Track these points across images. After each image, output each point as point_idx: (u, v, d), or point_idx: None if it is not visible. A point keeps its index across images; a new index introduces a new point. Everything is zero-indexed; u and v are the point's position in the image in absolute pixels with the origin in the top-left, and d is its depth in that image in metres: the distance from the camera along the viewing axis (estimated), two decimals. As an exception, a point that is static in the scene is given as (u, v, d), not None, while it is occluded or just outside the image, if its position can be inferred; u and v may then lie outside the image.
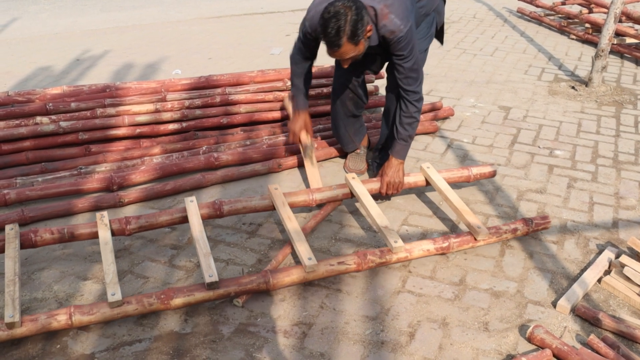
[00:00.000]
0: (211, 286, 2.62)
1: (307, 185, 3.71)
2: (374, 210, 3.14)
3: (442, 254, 3.05)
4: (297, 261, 2.98)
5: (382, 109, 4.91)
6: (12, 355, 2.41)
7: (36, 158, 3.89)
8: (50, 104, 4.12)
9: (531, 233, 3.22)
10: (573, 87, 5.50)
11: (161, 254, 3.10)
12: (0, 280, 2.84)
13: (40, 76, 5.89)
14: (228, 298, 2.71)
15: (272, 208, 3.23)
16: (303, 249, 2.84)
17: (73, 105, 4.18)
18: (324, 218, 3.35)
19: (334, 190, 3.35)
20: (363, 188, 3.30)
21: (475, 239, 3.05)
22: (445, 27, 7.65)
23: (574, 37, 7.11)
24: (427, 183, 3.52)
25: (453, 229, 3.32)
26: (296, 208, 3.34)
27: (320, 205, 3.42)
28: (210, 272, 2.65)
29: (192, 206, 3.08)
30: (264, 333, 2.55)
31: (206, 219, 3.13)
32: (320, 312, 2.67)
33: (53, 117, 4.07)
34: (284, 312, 2.68)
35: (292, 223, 3.02)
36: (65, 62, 6.33)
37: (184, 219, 3.07)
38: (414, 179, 3.50)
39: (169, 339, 2.52)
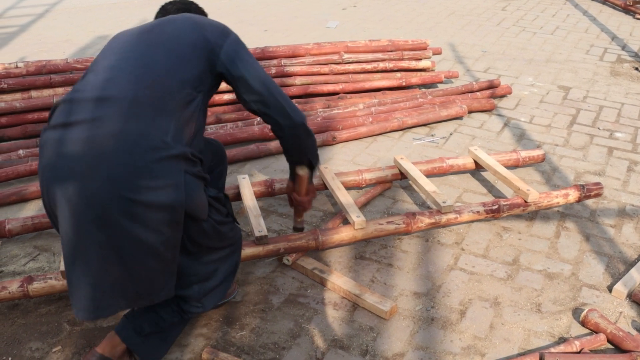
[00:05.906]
0: (260, 240, 2.64)
1: (360, 161, 3.70)
2: (423, 180, 3.12)
3: (493, 217, 3.01)
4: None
5: (439, 85, 4.84)
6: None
7: (94, 124, 3.95)
8: (109, 72, 4.17)
9: (583, 199, 3.15)
10: (636, 69, 5.33)
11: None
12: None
13: (98, 44, 5.97)
14: (277, 256, 2.74)
15: (323, 187, 3.24)
16: (352, 210, 2.84)
17: (131, 73, 4.23)
18: (374, 196, 3.33)
19: (383, 170, 3.34)
20: (412, 165, 3.28)
21: (526, 202, 3.01)
22: (505, 4, 7.50)
23: (639, 16, 6.88)
24: (476, 167, 3.48)
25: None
26: (346, 189, 3.33)
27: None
28: (260, 228, 2.68)
29: (245, 182, 3.13)
30: (314, 304, 2.56)
31: (258, 197, 3.15)
32: (371, 285, 2.67)
33: (111, 84, 4.13)
34: (334, 284, 2.68)
35: (342, 191, 3.03)
36: (123, 31, 6.41)
37: (237, 196, 3.10)
38: (462, 161, 3.46)
39: (219, 306, 2.55)
